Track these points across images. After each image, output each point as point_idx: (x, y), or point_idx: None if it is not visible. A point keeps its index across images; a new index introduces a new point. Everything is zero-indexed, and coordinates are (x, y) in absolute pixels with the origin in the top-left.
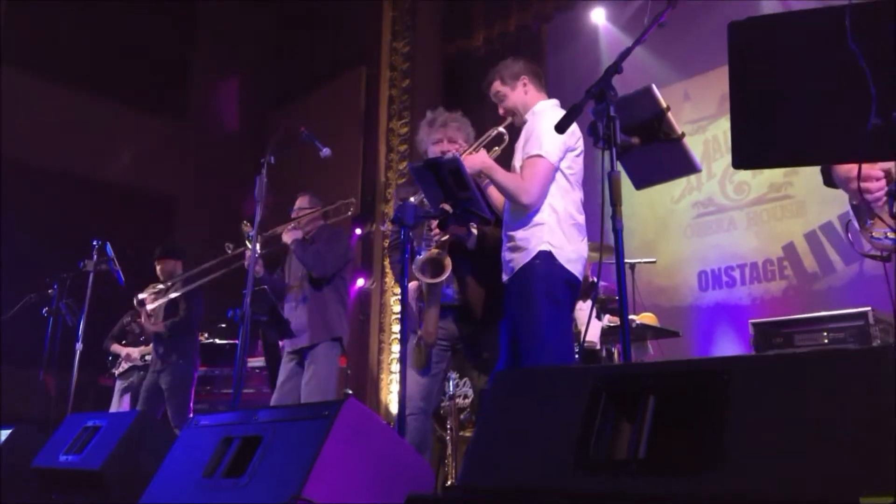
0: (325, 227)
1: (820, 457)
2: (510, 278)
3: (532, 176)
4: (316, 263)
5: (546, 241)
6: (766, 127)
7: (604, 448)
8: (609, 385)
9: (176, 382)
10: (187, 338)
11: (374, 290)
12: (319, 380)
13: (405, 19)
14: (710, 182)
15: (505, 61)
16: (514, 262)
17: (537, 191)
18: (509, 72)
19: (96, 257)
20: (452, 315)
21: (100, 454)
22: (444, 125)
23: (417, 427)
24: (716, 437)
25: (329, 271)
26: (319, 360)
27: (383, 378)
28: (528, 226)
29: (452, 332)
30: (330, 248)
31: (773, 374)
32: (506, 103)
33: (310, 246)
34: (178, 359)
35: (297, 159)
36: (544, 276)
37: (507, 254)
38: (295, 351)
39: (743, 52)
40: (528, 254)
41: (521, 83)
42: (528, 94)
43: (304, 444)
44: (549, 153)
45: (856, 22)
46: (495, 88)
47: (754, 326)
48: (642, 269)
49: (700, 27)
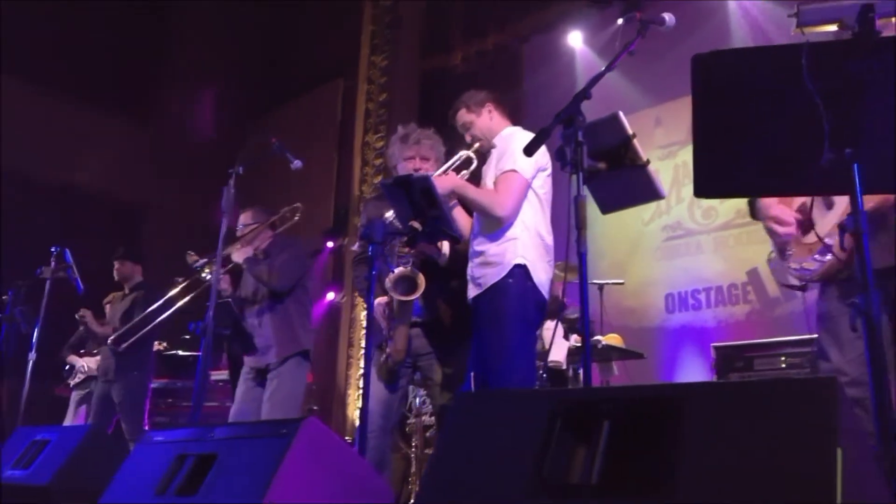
0: (278, 238)
1: (767, 482)
2: (480, 294)
3: (507, 189)
4: (272, 278)
5: (521, 255)
6: (725, 158)
7: (559, 472)
8: (566, 409)
9: (130, 395)
10: (142, 347)
11: (345, 305)
12: (284, 394)
13: (384, 34)
14: (679, 206)
15: (468, 92)
16: (484, 279)
17: (512, 204)
18: (474, 100)
19: (55, 264)
20: (420, 331)
21: (48, 469)
22: (418, 142)
23: (376, 445)
24: (668, 462)
25: (288, 284)
26: (285, 375)
27: (351, 393)
28: (501, 240)
29: (416, 349)
30: (286, 259)
31: (725, 402)
32: (472, 130)
33: (263, 261)
34: (133, 370)
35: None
36: (518, 297)
37: (477, 269)
38: (260, 368)
39: (706, 84)
40: (502, 269)
41: (486, 110)
42: (493, 121)
43: (261, 463)
44: (523, 169)
45: (811, 60)
46: (461, 117)
47: (716, 350)
48: (611, 289)
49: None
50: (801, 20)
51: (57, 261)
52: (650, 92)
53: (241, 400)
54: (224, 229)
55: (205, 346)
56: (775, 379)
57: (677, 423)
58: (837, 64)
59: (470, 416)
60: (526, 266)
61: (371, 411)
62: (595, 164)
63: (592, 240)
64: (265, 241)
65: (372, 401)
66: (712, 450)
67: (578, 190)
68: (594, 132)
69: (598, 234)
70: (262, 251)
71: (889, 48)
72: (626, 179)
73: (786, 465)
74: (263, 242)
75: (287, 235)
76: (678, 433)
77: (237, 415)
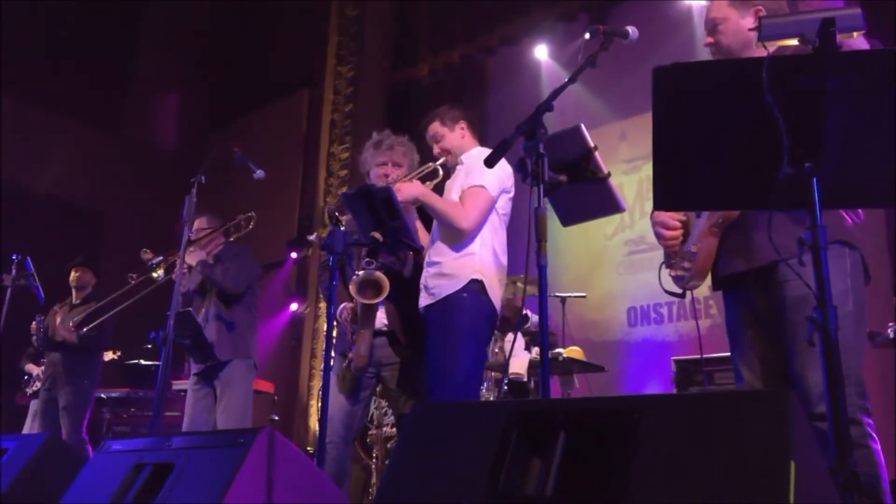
0: (230, 246)
1: (721, 495)
2: (432, 304)
3: (472, 203)
4: (226, 280)
5: (478, 270)
6: (685, 171)
7: (513, 483)
8: (521, 421)
9: (75, 401)
10: (92, 356)
11: (308, 316)
12: (237, 403)
13: (351, 44)
14: (642, 221)
15: (443, 106)
16: (438, 289)
17: (476, 217)
18: (449, 115)
19: (15, 272)
20: (385, 340)
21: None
22: (391, 148)
23: (336, 456)
24: (622, 474)
25: (241, 287)
26: (235, 386)
27: (313, 404)
28: (459, 254)
29: (379, 359)
30: (238, 264)
31: (680, 414)
32: (443, 143)
33: (216, 264)
34: (83, 378)
35: (236, 181)
36: (471, 311)
37: (432, 280)
38: (202, 371)
39: (666, 97)
40: (458, 282)
41: (459, 126)
42: (464, 139)
43: (218, 473)
44: (490, 186)
45: (772, 74)
46: (434, 129)
47: (676, 364)
48: (574, 303)
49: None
50: (763, 34)
51: (18, 269)
52: (616, 106)
53: (191, 409)
54: (185, 237)
55: (165, 356)
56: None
57: (632, 435)
58: (798, 78)
59: (426, 426)
60: (482, 281)
61: (332, 421)
62: (556, 177)
63: (555, 253)
64: (217, 247)
65: (332, 410)
66: (667, 462)
67: (539, 202)
68: (556, 144)
69: (561, 248)
70: (213, 256)
71: (849, 63)
72: (586, 192)
73: (740, 477)
74: (216, 248)
75: (237, 243)
76: (633, 445)
77: (189, 424)
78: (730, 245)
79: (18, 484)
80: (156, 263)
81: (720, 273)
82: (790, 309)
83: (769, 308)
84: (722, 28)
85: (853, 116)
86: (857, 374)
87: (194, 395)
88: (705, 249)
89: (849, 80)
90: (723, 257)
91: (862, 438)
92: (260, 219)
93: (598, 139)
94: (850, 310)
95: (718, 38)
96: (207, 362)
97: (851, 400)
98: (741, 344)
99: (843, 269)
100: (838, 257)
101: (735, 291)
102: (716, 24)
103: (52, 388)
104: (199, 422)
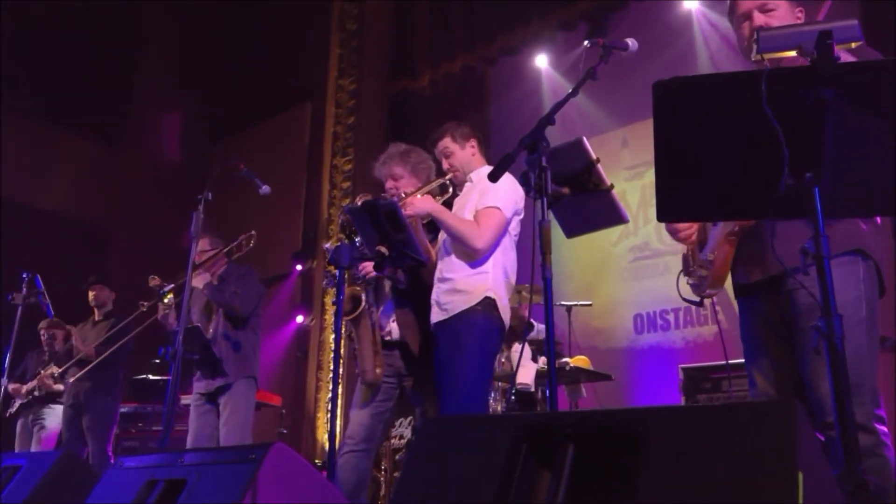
0: (233, 267)
1: None
2: (445, 320)
3: (488, 224)
4: (235, 303)
5: (491, 288)
6: (687, 183)
7: (523, 496)
8: (530, 434)
9: (100, 418)
10: (112, 372)
11: (314, 328)
12: (239, 418)
13: (351, 57)
14: (646, 227)
15: (452, 123)
16: (451, 305)
17: (490, 238)
18: (460, 132)
19: (25, 290)
20: (399, 351)
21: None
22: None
23: (356, 465)
24: (631, 486)
25: (249, 310)
26: (237, 400)
27: (320, 417)
28: (473, 272)
29: (399, 369)
30: (246, 287)
31: (688, 425)
32: (452, 160)
33: (225, 286)
34: (105, 395)
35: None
36: (484, 327)
37: (443, 296)
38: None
39: (667, 110)
40: (471, 298)
41: (469, 144)
42: (474, 157)
43: (230, 488)
44: (505, 208)
45: (771, 86)
46: (444, 144)
47: (684, 371)
48: (579, 311)
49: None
50: (761, 46)
51: (28, 287)
52: (617, 113)
53: (195, 424)
54: (193, 254)
55: (174, 371)
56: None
57: (641, 447)
58: (796, 90)
59: (436, 439)
60: (494, 300)
61: (352, 433)
62: (559, 189)
63: (560, 261)
64: (220, 267)
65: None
66: (675, 473)
67: (543, 215)
68: (558, 157)
69: (565, 256)
70: (216, 277)
71: (847, 73)
72: (589, 204)
73: (748, 488)
74: (219, 269)
75: (239, 263)
76: (641, 457)
77: (193, 441)
78: (745, 254)
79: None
80: (166, 290)
81: (736, 281)
82: (801, 317)
83: (782, 316)
84: (775, 13)
85: (852, 126)
86: (871, 383)
87: (196, 411)
88: (721, 257)
89: (847, 90)
90: (738, 266)
91: (876, 447)
92: (264, 231)
93: (600, 147)
94: (863, 316)
95: (770, 22)
96: (215, 379)
97: (865, 408)
98: (755, 351)
99: (856, 276)
100: (851, 264)
101: (749, 299)
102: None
103: (75, 404)
104: (203, 437)
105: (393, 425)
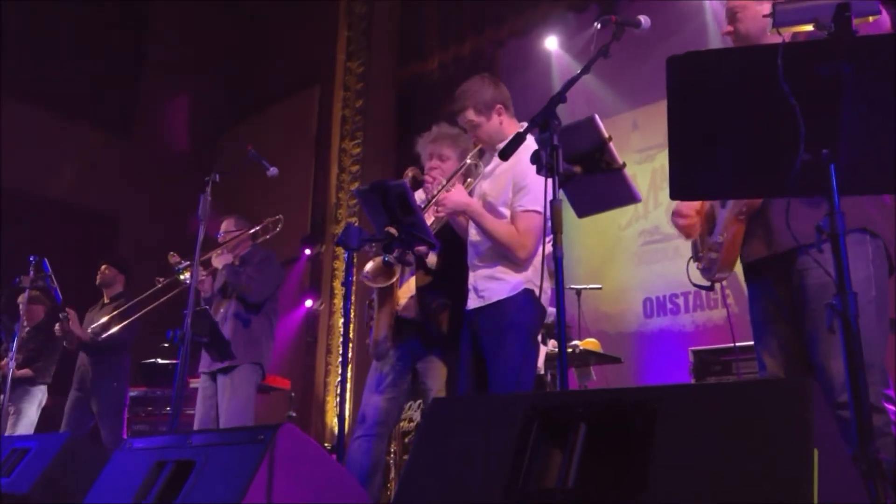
0: (257, 249)
1: (743, 484)
2: (482, 308)
3: (528, 231)
4: (249, 288)
5: (531, 280)
6: (701, 160)
7: (534, 476)
8: (541, 413)
9: (110, 404)
10: (118, 356)
11: (323, 312)
12: (239, 403)
13: (360, 40)
14: (656, 211)
15: (472, 85)
16: (489, 293)
17: (532, 246)
18: (482, 100)
19: (33, 274)
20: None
21: (28, 478)
22: (434, 140)
23: (371, 448)
24: (642, 465)
25: (264, 297)
26: (239, 385)
27: (329, 401)
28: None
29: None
30: (263, 273)
31: (700, 404)
32: (479, 133)
33: (243, 270)
34: (111, 379)
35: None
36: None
37: (481, 282)
38: (210, 372)
39: (681, 86)
40: (512, 287)
41: (495, 112)
42: (503, 125)
43: (239, 469)
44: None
45: (787, 61)
46: (468, 117)
47: (694, 354)
48: (588, 295)
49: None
50: (777, 20)
51: (35, 270)
52: (628, 96)
53: (201, 406)
54: (201, 236)
55: (182, 354)
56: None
57: (652, 425)
58: (813, 65)
59: (446, 420)
60: (535, 291)
61: (366, 416)
62: (570, 168)
63: (569, 246)
64: (244, 249)
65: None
66: (688, 452)
67: (554, 194)
68: (570, 136)
69: (575, 241)
70: (238, 258)
71: (865, 48)
72: (601, 183)
73: (761, 466)
74: (243, 250)
75: (263, 247)
76: (653, 436)
77: (200, 423)
78: (753, 232)
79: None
80: (183, 267)
81: (744, 260)
82: (811, 297)
83: (791, 297)
84: (741, 16)
85: (870, 101)
86: (880, 363)
87: (203, 393)
88: (731, 238)
89: (865, 65)
90: (746, 244)
91: (886, 427)
92: (272, 215)
93: (611, 129)
94: (873, 296)
95: (737, 27)
96: (224, 361)
97: (875, 388)
98: (764, 332)
99: (865, 256)
100: (860, 244)
101: (758, 280)
102: (735, 11)
103: (80, 388)
104: (209, 418)
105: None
